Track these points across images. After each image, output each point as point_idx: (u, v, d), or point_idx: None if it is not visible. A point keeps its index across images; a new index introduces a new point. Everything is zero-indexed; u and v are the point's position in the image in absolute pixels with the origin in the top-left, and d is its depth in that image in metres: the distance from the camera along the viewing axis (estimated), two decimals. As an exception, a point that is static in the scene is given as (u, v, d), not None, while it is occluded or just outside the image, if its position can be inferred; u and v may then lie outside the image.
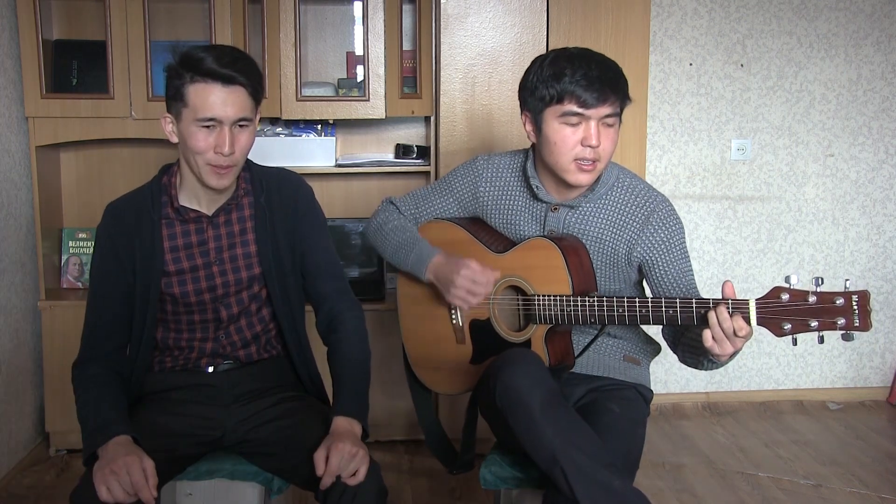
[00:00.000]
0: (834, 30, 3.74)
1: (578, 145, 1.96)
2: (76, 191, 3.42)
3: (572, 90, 1.93)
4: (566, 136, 1.97)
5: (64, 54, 3.27)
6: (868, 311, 1.68)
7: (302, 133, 3.41)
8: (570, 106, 1.94)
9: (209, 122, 1.85)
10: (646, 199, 2.07)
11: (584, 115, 1.94)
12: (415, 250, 2.17)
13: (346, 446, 1.81)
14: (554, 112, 1.97)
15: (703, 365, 1.96)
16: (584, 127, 1.96)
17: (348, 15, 3.49)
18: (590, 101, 1.93)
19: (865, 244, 3.89)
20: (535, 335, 2.05)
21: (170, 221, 2.00)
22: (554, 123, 1.97)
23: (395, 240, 2.21)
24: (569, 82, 1.93)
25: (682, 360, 2.04)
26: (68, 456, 3.24)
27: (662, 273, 2.04)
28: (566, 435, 1.82)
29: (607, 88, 1.94)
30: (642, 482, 2.91)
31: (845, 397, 3.93)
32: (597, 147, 1.96)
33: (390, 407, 3.29)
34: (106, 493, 1.71)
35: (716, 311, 1.78)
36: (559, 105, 1.95)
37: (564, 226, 2.09)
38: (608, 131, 1.98)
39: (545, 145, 2.01)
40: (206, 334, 2.05)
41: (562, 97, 1.94)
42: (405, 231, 2.21)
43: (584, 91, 1.92)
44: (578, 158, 1.97)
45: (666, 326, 2.02)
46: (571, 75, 1.93)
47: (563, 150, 1.98)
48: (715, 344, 1.78)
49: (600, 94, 1.93)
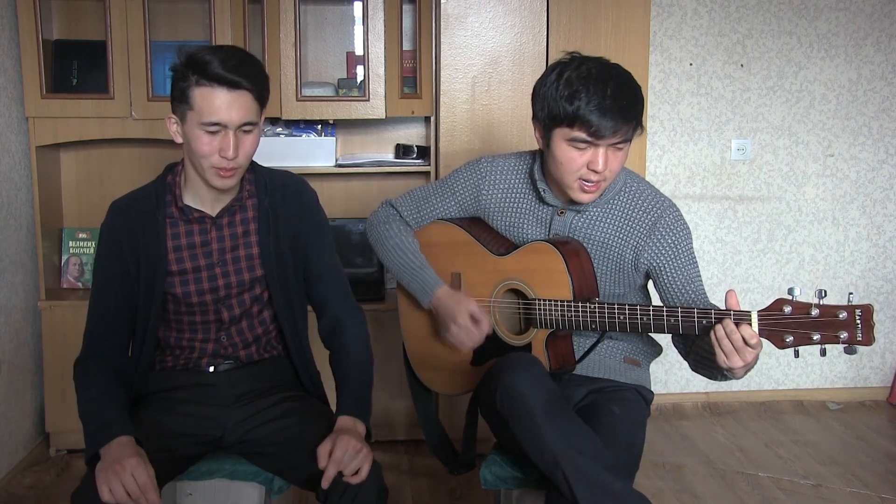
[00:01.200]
0: (834, 30, 3.74)
1: (584, 167, 1.93)
2: (76, 191, 3.42)
3: (585, 117, 1.86)
4: (573, 158, 1.93)
5: (64, 54, 3.26)
6: (871, 326, 1.67)
7: (302, 133, 3.41)
8: (580, 133, 1.89)
9: (214, 126, 1.85)
10: (653, 205, 2.05)
11: (593, 142, 1.90)
12: (419, 278, 2.17)
13: (352, 441, 1.81)
14: (563, 134, 1.92)
15: (717, 377, 1.93)
16: (592, 152, 1.91)
17: (348, 15, 3.49)
18: (601, 131, 1.87)
19: (865, 244, 3.89)
20: (535, 339, 2.05)
21: (174, 221, 2.00)
22: (562, 144, 1.93)
23: (399, 260, 2.21)
24: (583, 109, 1.86)
25: (694, 369, 2.02)
26: (68, 456, 3.24)
27: (670, 279, 2.03)
28: (567, 438, 1.82)
29: (620, 120, 1.87)
30: (642, 482, 2.91)
31: (845, 397, 3.93)
32: (603, 171, 1.93)
33: (390, 407, 3.29)
34: (108, 494, 1.71)
35: (722, 325, 1.76)
36: (569, 129, 1.90)
37: (570, 230, 2.08)
38: (616, 155, 1.93)
39: (551, 160, 1.98)
40: (207, 335, 2.05)
41: (573, 122, 1.88)
42: (408, 254, 2.20)
43: (597, 120, 1.86)
44: (583, 179, 1.95)
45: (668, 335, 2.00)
46: (586, 102, 1.86)
47: (568, 170, 1.95)
48: (726, 358, 1.77)
49: (614, 125, 1.86)
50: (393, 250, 2.22)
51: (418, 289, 2.17)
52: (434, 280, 2.16)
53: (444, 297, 2.13)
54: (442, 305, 2.12)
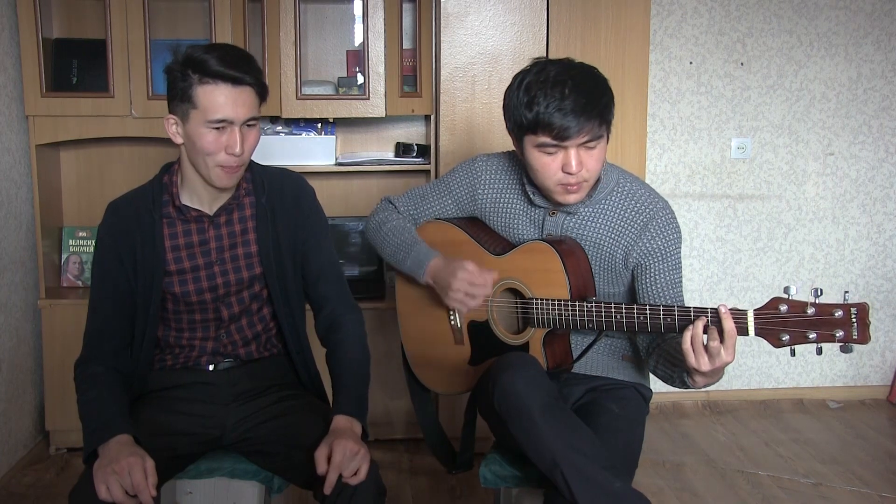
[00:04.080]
0: (834, 28, 3.74)
1: (560, 171, 1.92)
2: (76, 189, 3.42)
3: (545, 121, 1.85)
4: (546, 164, 1.92)
5: (64, 53, 3.26)
6: (867, 324, 1.67)
7: (302, 132, 3.41)
8: (545, 138, 1.88)
9: (220, 123, 1.85)
10: (646, 205, 2.04)
11: (559, 145, 1.89)
12: (413, 252, 2.15)
13: (349, 444, 1.81)
14: (530, 141, 1.92)
15: (675, 380, 1.93)
16: (563, 155, 1.90)
17: (348, 13, 3.49)
18: (563, 133, 1.85)
19: (865, 243, 3.89)
20: (533, 338, 2.05)
21: (171, 220, 2.00)
22: (533, 151, 1.93)
23: (394, 241, 2.20)
24: (541, 113, 1.85)
25: (653, 369, 2.03)
26: (68, 454, 3.24)
27: (652, 280, 2.03)
28: (566, 438, 1.82)
29: (582, 118, 1.85)
30: (642, 481, 2.92)
31: (845, 396, 3.93)
32: (578, 172, 1.91)
33: (390, 406, 3.29)
34: (105, 493, 1.71)
35: (694, 325, 1.76)
36: (534, 135, 1.90)
37: (562, 230, 2.08)
38: (590, 153, 1.92)
39: (529, 168, 1.98)
40: (206, 333, 2.05)
41: (535, 128, 1.88)
42: (403, 232, 2.20)
43: (559, 122, 1.84)
44: (562, 183, 1.94)
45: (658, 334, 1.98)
46: (545, 106, 1.84)
47: (546, 176, 1.94)
48: (691, 353, 1.76)
49: (575, 124, 1.85)
50: (390, 232, 2.20)
51: (413, 263, 2.13)
52: (427, 252, 2.12)
53: (438, 264, 2.09)
54: (438, 273, 2.08)
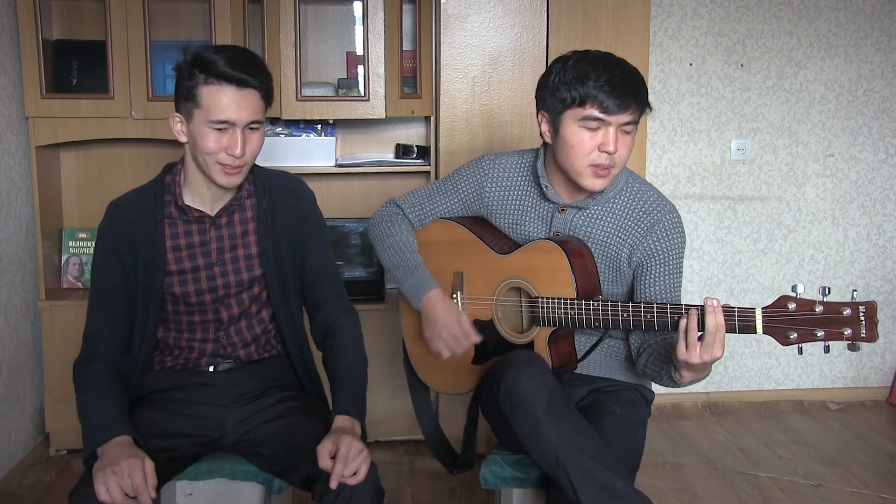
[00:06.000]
0: (834, 30, 3.74)
1: (595, 150, 1.94)
2: (76, 191, 3.42)
3: (595, 95, 1.90)
4: (584, 140, 1.95)
5: (64, 54, 3.26)
6: (875, 322, 1.68)
7: (302, 133, 3.41)
8: (592, 111, 1.92)
9: (222, 124, 1.85)
10: (654, 207, 2.06)
11: (604, 120, 1.92)
12: (413, 277, 2.17)
13: (354, 441, 1.81)
14: (574, 115, 1.94)
15: (663, 377, 1.94)
16: (603, 132, 1.93)
17: (348, 15, 3.49)
18: (612, 107, 1.90)
19: (865, 244, 3.89)
20: (538, 337, 2.05)
21: (172, 221, 2.00)
22: (573, 126, 1.95)
23: (396, 257, 2.21)
24: (592, 87, 1.90)
25: (641, 368, 2.04)
26: (68, 456, 3.24)
27: (651, 282, 2.04)
28: (569, 437, 1.83)
29: (630, 96, 1.91)
30: (643, 482, 2.91)
31: (845, 397, 3.93)
32: (613, 153, 1.94)
33: (390, 407, 3.29)
34: (105, 494, 1.70)
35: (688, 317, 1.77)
36: (580, 108, 1.93)
37: (571, 227, 2.09)
38: (625, 138, 1.96)
39: (561, 147, 1.99)
40: (206, 335, 2.05)
41: (584, 101, 1.92)
42: (406, 251, 2.21)
43: (608, 97, 1.90)
44: (594, 164, 1.96)
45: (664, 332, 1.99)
46: (596, 80, 1.90)
47: (579, 154, 1.96)
48: (686, 349, 1.77)
49: (623, 101, 1.90)
50: (392, 248, 2.22)
51: (411, 287, 2.17)
52: (428, 281, 2.16)
53: (436, 301, 2.13)
54: (432, 309, 2.12)
